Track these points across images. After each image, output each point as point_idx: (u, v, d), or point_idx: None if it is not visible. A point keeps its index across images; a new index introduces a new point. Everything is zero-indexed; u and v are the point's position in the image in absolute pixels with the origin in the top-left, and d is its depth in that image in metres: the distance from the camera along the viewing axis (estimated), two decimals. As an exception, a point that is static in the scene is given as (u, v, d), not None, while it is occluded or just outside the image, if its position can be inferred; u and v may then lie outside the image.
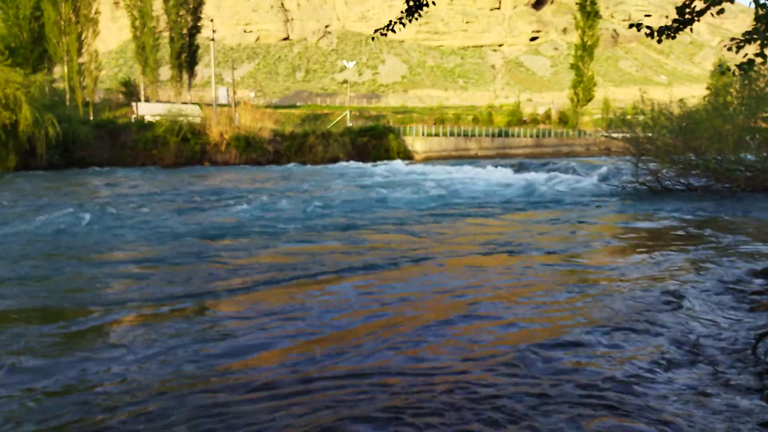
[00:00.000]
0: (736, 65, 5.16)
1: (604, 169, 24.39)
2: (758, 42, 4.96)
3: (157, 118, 40.37)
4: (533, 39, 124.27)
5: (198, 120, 40.16)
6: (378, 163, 40.58)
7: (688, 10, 5.52)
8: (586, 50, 57.30)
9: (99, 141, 36.02)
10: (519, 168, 29.75)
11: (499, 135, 51.84)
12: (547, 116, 67.40)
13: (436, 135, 48.01)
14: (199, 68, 61.27)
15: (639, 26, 5.75)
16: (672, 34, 5.61)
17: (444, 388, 4.11)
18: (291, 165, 38.77)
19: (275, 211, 14.24)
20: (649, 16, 7.46)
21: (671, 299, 6.31)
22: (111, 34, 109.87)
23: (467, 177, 26.40)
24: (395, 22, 6.53)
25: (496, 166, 31.34)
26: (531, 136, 53.55)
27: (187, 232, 11.21)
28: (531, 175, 25.76)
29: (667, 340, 5.11)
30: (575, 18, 58.20)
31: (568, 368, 4.48)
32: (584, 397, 3.96)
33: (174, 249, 9.51)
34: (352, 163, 39.78)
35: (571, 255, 9.15)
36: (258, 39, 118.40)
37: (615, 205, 16.26)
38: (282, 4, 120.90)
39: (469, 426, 3.58)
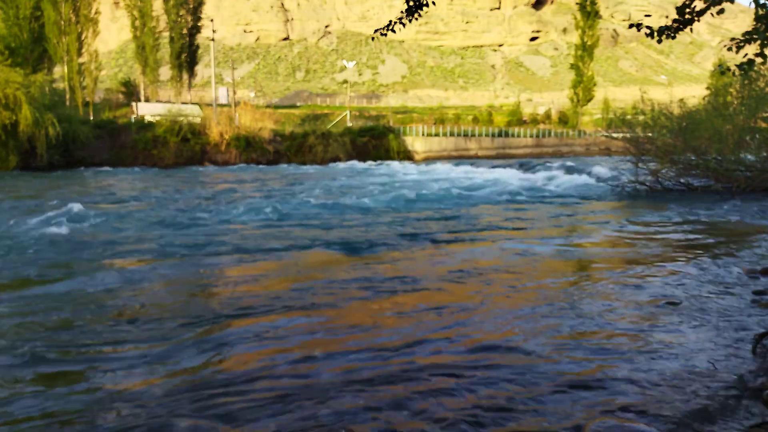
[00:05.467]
0: (736, 65, 5.16)
1: (604, 169, 24.37)
2: (758, 42, 4.96)
3: (157, 118, 40.37)
4: (533, 39, 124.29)
5: (198, 120, 40.17)
6: (378, 163, 40.59)
7: (688, 10, 5.51)
8: (586, 50, 57.33)
9: (99, 141, 36.02)
10: (519, 168, 29.74)
11: (499, 135, 51.85)
12: (547, 116, 67.42)
13: (436, 135, 48.01)
14: (199, 68, 61.30)
15: (639, 26, 5.75)
16: (672, 34, 5.61)
17: (440, 381, 4.11)
18: (291, 165, 38.77)
19: (273, 212, 14.22)
20: (649, 16, 7.44)
21: (671, 299, 6.31)
22: (111, 34, 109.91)
23: (467, 177, 26.38)
24: (395, 22, 6.52)
25: (495, 167, 31.33)
26: (531, 136, 53.56)
27: (185, 232, 11.21)
28: (531, 175, 25.76)
29: (666, 340, 5.11)
30: (575, 18, 58.23)
31: (564, 368, 4.48)
32: (583, 396, 3.96)
33: (172, 250, 9.51)
34: (352, 163, 39.78)
35: (570, 255, 9.15)
36: (258, 39, 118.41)
37: (615, 205, 16.26)
38: (282, 4, 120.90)
39: (466, 424, 3.58)
